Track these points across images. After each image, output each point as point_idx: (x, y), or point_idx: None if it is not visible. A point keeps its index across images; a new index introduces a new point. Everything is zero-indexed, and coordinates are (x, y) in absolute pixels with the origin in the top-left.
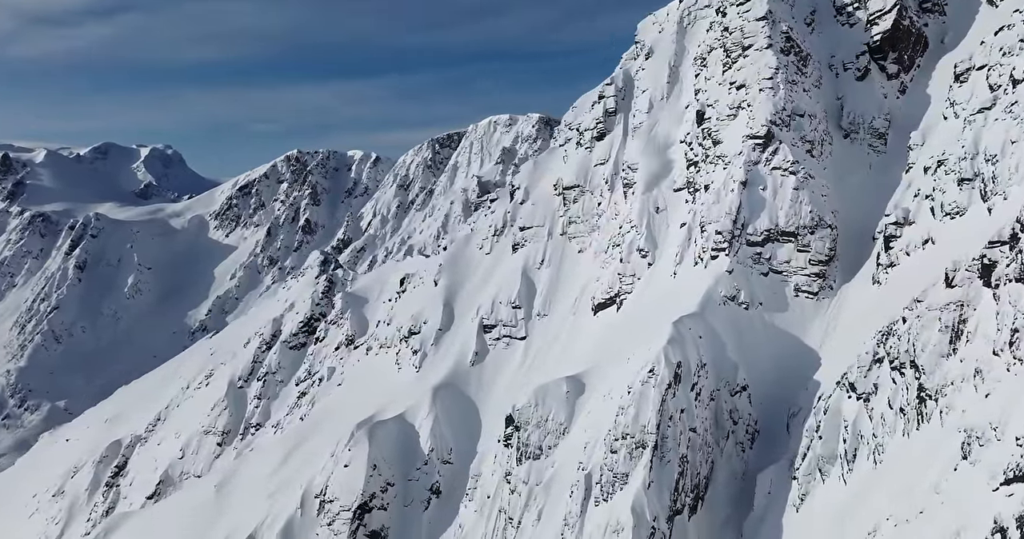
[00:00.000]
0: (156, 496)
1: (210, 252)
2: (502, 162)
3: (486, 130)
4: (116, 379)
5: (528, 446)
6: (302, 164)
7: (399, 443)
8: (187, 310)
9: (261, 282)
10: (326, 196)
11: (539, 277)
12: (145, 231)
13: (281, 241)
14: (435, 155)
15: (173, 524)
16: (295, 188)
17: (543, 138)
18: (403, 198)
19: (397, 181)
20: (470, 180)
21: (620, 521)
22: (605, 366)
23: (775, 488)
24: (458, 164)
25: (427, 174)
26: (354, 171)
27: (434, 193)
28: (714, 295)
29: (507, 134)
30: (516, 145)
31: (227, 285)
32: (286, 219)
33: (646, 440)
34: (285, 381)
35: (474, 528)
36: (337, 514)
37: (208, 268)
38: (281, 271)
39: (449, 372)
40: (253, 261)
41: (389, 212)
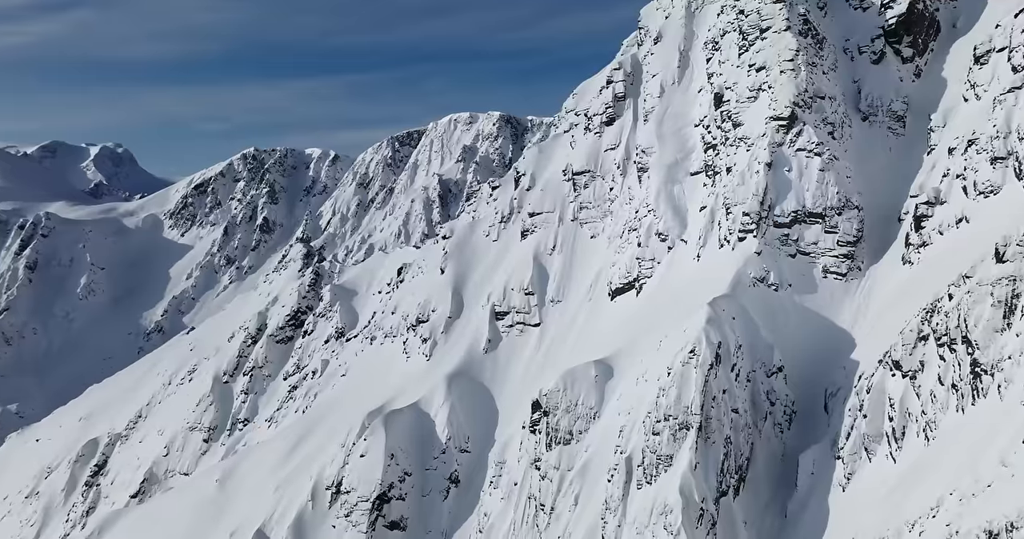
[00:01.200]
0: (140, 494)
1: (165, 252)
2: (463, 160)
3: (446, 128)
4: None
5: (558, 431)
6: (259, 162)
7: (415, 432)
8: (142, 311)
9: (218, 282)
10: (284, 195)
11: (551, 263)
12: (98, 230)
13: (239, 240)
14: (395, 153)
15: (173, 520)
16: (252, 186)
17: (504, 136)
18: (363, 196)
19: (356, 179)
20: (431, 178)
21: (667, 503)
22: (633, 349)
23: (818, 468)
24: (418, 162)
25: (387, 172)
26: (312, 169)
27: (394, 191)
28: (744, 277)
29: (467, 132)
30: (477, 143)
31: (183, 285)
32: (243, 218)
33: (690, 421)
34: (273, 375)
35: (501, 516)
36: (355, 505)
37: (163, 268)
38: (239, 271)
39: (462, 360)
40: (210, 261)
41: (349, 210)
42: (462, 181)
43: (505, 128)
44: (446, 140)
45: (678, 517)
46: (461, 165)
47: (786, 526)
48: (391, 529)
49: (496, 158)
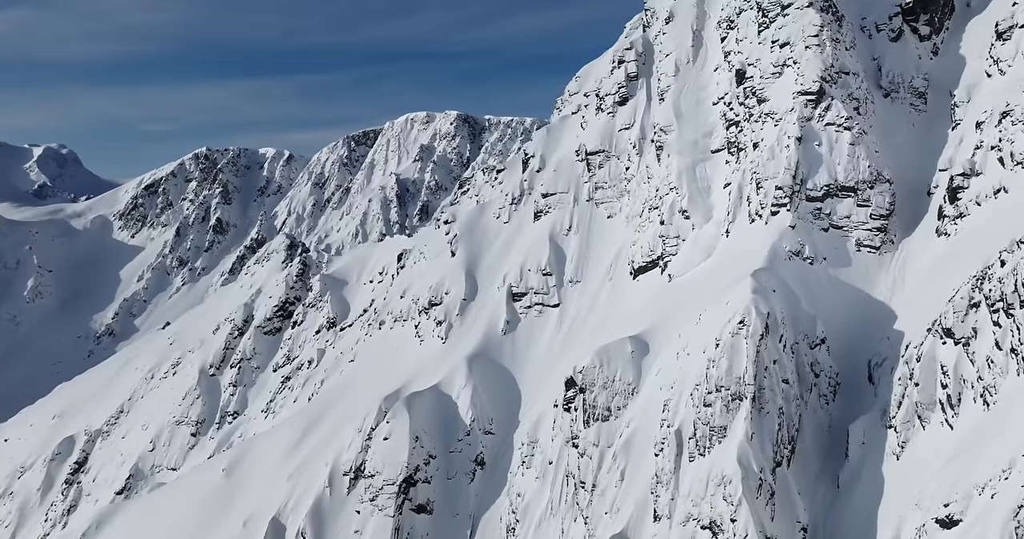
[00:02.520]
0: (126, 491)
1: (115, 253)
2: (420, 160)
3: (403, 127)
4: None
5: (595, 408)
6: (211, 162)
7: (437, 415)
8: (92, 314)
9: (171, 284)
10: (237, 195)
11: (567, 244)
12: (44, 232)
13: (191, 241)
14: (351, 153)
15: (178, 512)
16: (205, 187)
17: (461, 135)
18: (319, 196)
19: (312, 179)
20: (388, 178)
21: (725, 474)
22: (667, 325)
23: (868, 438)
24: (375, 162)
25: (343, 172)
26: (266, 169)
27: (351, 191)
28: (779, 251)
29: (425, 131)
30: (435, 143)
31: (134, 287)
32: (196, 219)
33: (743, 391)
34: (262, 367)
35: (537, 495)
36: (380, 489)
37: (113, 270)
38: (192, 272)
39: (480, 342)
40: (162, 262)
41: (304, 211)
42: (420, 180)
43: (463, 127)
44: (403, 139)
45: (738, 487)
46: (419, 164)
47: (839, 497)
48: (418, 513)
49: (454, 157)
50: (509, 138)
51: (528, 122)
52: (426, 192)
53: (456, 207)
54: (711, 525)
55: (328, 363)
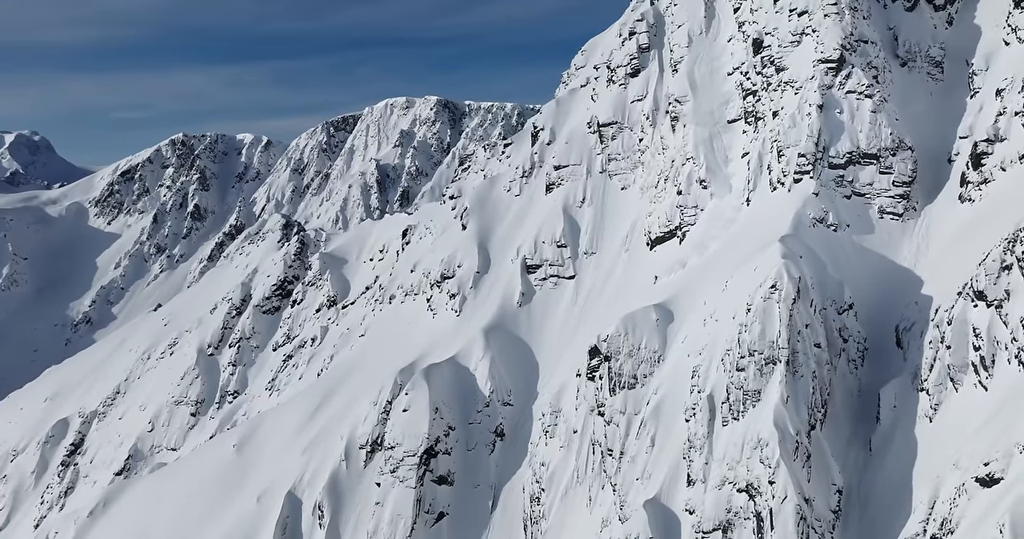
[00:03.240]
0: (125, 471)
1: (91, 241)
2: (400, 145)
3: (383, 113)
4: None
5: (621, 376)
6: (188, 148)
7: (455, 386)
8: (69, 301)
9: (148, 271)
10: (215, 181)
11: (581, 216)
12: (19, 219)
13: (169, 228)
14: (330, 138)
15: (187, 489)
16: (182, 173)
17: (442, 121)
18: (298, 182)
19: (291, 165)
20: (368, 163)
21: (761, 436)
22: (691, 293)
23: (900, 401)
24: (354, 147)
25: (322, 158)
26: (244, 155)
27: (330, 177)
28: (804, 217)
29: (404, 117)
30: (415, 128)
31: (112, 275)
32: (173, 205)
33: (777, 355)
34: (261, 347)
35: (562, 465)
36: (401, 460)
37: (90, 257)
38: (170, 259)
39: (495, 314)
40: (139, 249)
41: (284, 197)
42: (400, 166)
43: (443, 113)
44: (383, 125)
45: (775, 450)
46: (399, 150)
47: (871, 460)
48: (439, 484)
49: (434, 143)
50: (490, 123)
51: (509, 107)
52: (406, 178)
53: (462, 182)
54: (748, 488)
55: (333, 340)
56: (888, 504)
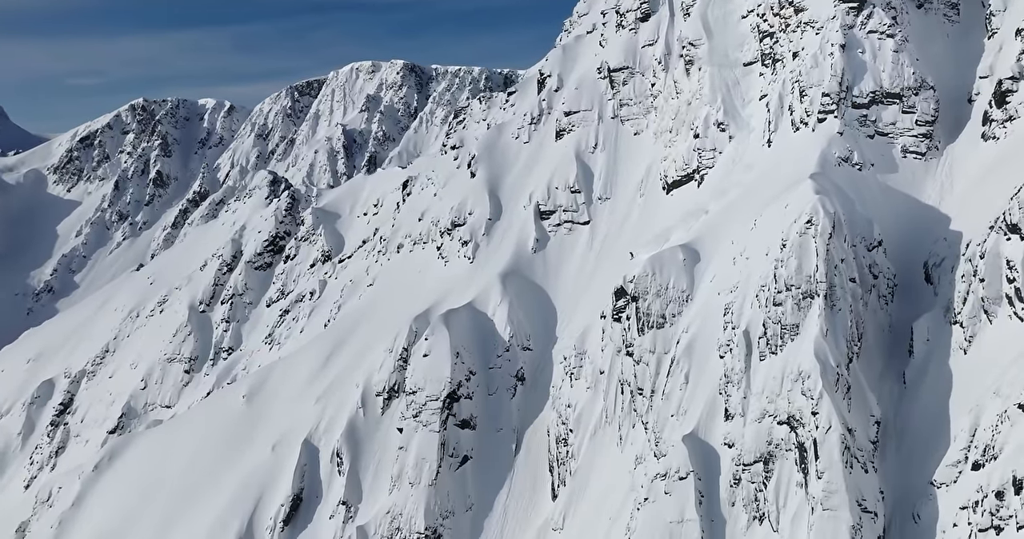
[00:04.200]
0: (119, 430)
1: (51, 208)
2: (367, 110)
3: (348, 77)
4: None
5: (650, 316)
6: (149, 113)
7: (474, 332)
8: (29, 270)
9: (111, 239)
10: (178, 147)
11: (594, 161)
12: None
13: (131, 195)
14: (294, 103)
15: (196, 441)
16: (143, 139)
17: (408, 85)
18: (262, 148)
19: (255, 130)
20: (335, 128)
21: (802, 369)
22: (716, 234)
23: (933, 335)
24: (320, 112)
25: (287, 123)
26: (207, 120)
27: (296, 142)
28: (829, 156)
29: (370, 81)
30: (381, 93)
31: (73, 243)
32: (135, 172)
33: (815, 289)
34: (254, 303)
35: (589, 405)
36: (423, 405)
37: (50, 225)
38: (132, 227)
39: (510, 260)
40: (101, 217)
41: (248, 163)
42: (367, 131)
43: (409, 77)
44: (348, 90)
45: (817, 382)
46: (365, 115)
47: (906, 393)
48: (462, 428)
49: (401, 108)
50: (457, 88)
51: (476, 71)
52: (374, 143)
53: (462, 133)
54: (789, 420)
55: (334, 293)
56: (925, 435)
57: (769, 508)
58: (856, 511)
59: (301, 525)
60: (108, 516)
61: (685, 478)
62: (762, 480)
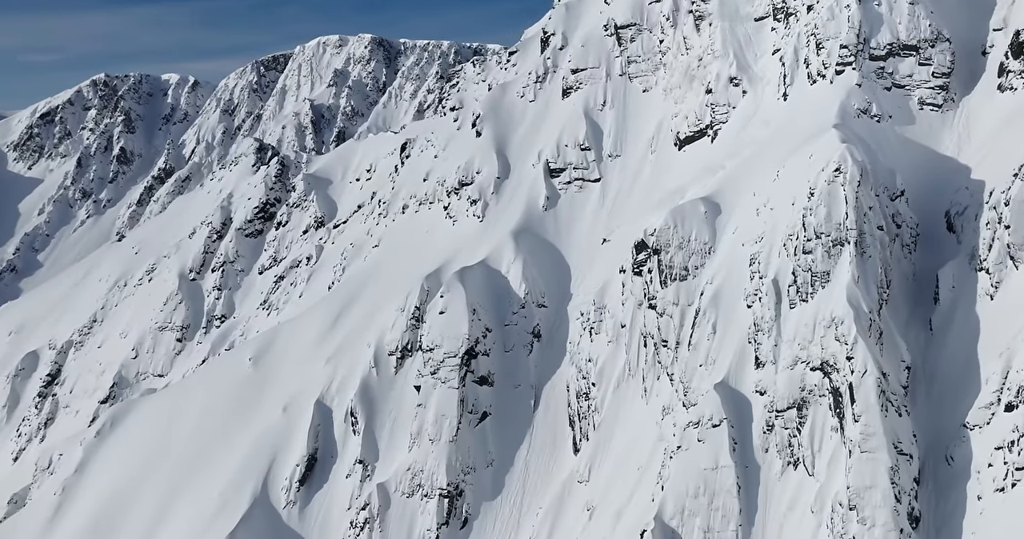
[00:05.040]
0: (111, 399)
1: (12, 186)
2: (335, 85)
3: (315, 52)
4: None
5: (672, 268)
6: (111, 89)
7: (489, 289)
8: None
9: (74, 217)
10: (141, 123)
11: (603, 119)
12: None
13: (94, 172)
14: (260, 78)
15: (201, 405)
16: (105, 115)
17: (377, 59)
18: (228, 124)
19: (220, 106)
20: (302, 104)
21: (834, 315)
22: (736, 187)
23: (958, 282)
24: (287, 87)
25: (253, 98)
26: (171, 96)
27: (262, 118)
28: (848, 108)
29: (338, 56)
30: (349, 67)
31: (35, 221)
32: (98, 149)
33: (845, 237)
34: (246, 270)
35: (611, 359)
36: (441, 362)
37: (11, 203)
38: (96, 205)
39: (521, 218)
40: (64, 195)
41: (214, 139)
42: (335, 106)
43: (377, 52)
44: (315, 64)
45: (851, 327)
46: (333, 90)
47: (932, 340)
48: (480, 384)
49: (370, 82)
50: (426, 62)
51: (445, 46)
52: (342, 118)
53: (462, 94)
54: (822, 366)
55: (332, 257)
56: (954, 380)
57: (804, 453)
58: (893, 453)
59: (317, 485)
60: (113, 481)
61: (718, 425)
62: (796, 426)
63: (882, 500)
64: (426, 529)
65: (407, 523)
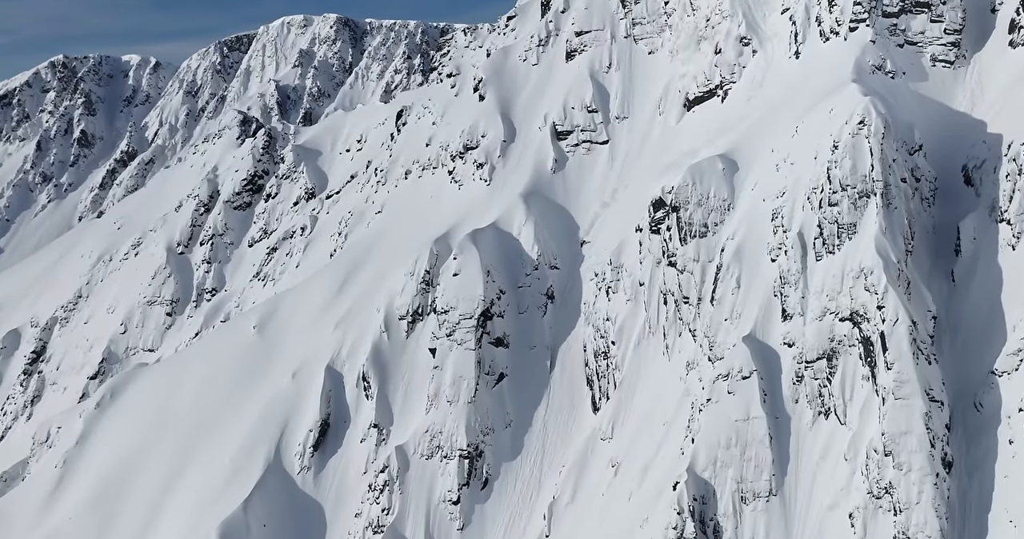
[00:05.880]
0: (101, 374)
1: None
2: (300, 65)
3: (279, 32)
4: None
5: (691, 225)
6: (70, 71)
7: (501, 251)
8: None
9: (35, 201)
10: (102, 105)
11: (609, 81)
12: None
13: (55, 156)
14: (224, 59)
15: (205, 373)
16: (65, 97)
17: (343, 40)
18: (192, 105)
19: (183, 87)
20: (267, 85)
21: (863, 265)
22: (752, 143)
23: (979, 233)
24: (251, 68)
25: (217, 79)
26: (132, 78)
27: (227, 99)
28: (863, 64)
29: (302, 36)
30: (314, 47)
31: None
32: (58, 131)
33: (871, 188)
34: (235, 243)
35: (631, 317)
36: (457, 323)
37: None
38: (57, 188)
39: (529, 181)
40: (23, 179)
41: (178, 121)
42: (301, 87)
43: (343, 32)
44: (280, 45)
45: (881, 277)
46: (299, 70)
47: (955, 291)
48: (496, 346)
49: (336, 63)
50: (393, 42)
51: (412, 25)
52: (308, 99)
53: (457, 60)
54: (852, 316)
55: (330, 226)
56: (978, 329)
57: (835, 403)
58: (926, 399)
59: (331, 450)
60: (117, 452)
61: (748, 377)
62: (826, 376)
63: (918, 445)
64: (447, 490)
65: (427, 484)
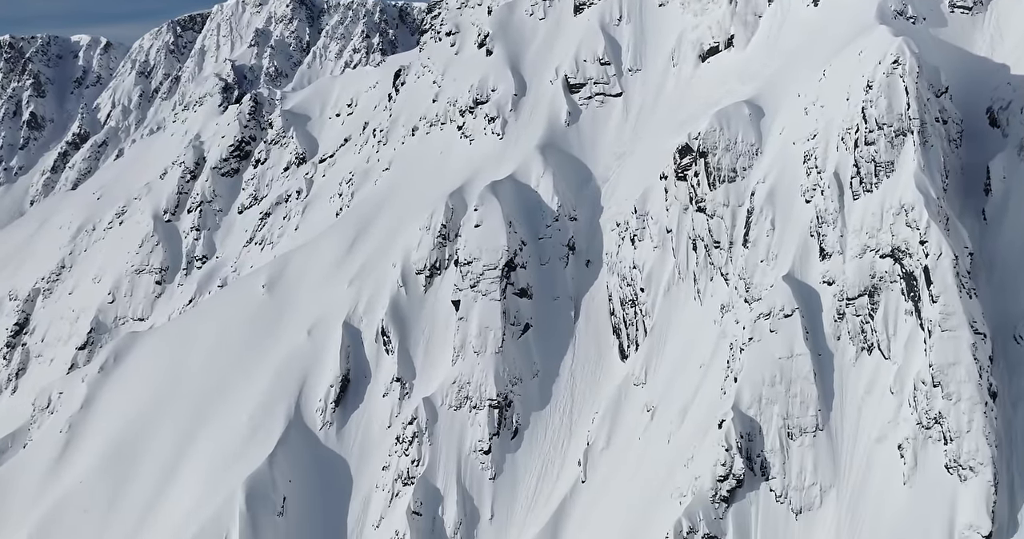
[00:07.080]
0: (89, 345)
1: None
2: (256, 45)
3: (234, 11)
4: None
5: (720, 170)
6: (17, 51)
7: (520, 202)
8: None
9: None
10: (51, 87)
11: (620, 33)
12: None
13: (3, 139)
14: (177, 39)
15: (214, 334)
16: (12, 79)
17: (299, 18)
18: (145, 86)
19: (136, 68)
20: (223, 65)
21: (903, 201)
22: (776, 90)
23: (1009, 173)
24: (206, 48)
25: (170, 60)
26: (82, 58)
27: (181, 80)
28: (885, 9)
29: (258, 15)
30: (270, 26)
31: None
32: (6, 114)
33: (908, 126)
34: (224, 210)
35: (659, 264)
36: (481, 274)
37: None
38: (7, 172)
39: (544, 134)
40: None
41: (131, 102)
42: (257, 67)
43: (300, 10)
44: (235, 24)
45: (922, 212)
46: (255, 50)
47: (987, 229)
48: (520, 297)
49: (293, 42)
50: (351, 21)
51: (370, 3)
52: (265, 79)
53: (455, 19)
54: (893, 252)
55: (327, 188)
56: (1013, 267)
57: (878, 338)
58: (971, 331)
59: (352, 405)
60: (124, 415)
61: (790, 315)
62: (868, 313)
63: (966, 375)
64: (477, 440)
65: (456, 435)
